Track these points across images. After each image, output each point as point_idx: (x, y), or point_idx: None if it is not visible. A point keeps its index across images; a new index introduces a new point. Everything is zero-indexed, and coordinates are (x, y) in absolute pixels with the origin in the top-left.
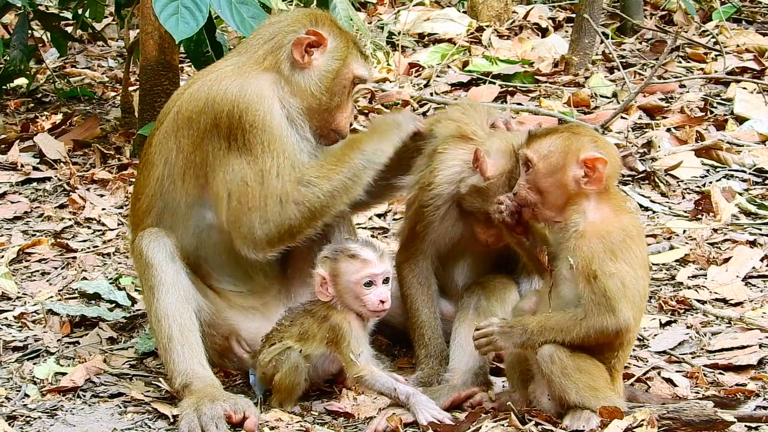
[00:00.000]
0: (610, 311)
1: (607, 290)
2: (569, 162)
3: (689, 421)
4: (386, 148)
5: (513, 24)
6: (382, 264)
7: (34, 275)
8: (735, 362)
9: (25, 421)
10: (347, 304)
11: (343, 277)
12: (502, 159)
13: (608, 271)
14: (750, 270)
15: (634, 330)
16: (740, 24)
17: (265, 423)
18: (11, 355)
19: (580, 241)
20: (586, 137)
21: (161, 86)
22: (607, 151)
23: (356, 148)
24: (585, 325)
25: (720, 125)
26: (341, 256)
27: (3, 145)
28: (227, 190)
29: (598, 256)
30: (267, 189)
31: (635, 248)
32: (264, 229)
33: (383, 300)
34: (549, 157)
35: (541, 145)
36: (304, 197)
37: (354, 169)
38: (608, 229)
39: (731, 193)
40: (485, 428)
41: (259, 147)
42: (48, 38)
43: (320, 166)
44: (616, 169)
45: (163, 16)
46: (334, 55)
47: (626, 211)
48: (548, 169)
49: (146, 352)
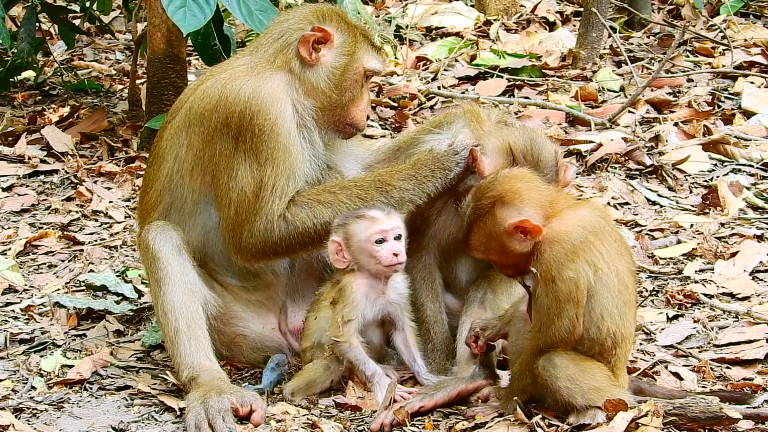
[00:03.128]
0: (557, 316)
1: (559, 294)
2: (504, 241)
3: (695, 417)
4: (418, 198)
5: (521, 18)
6: (391, 221)
7: (41, 268)
8: (742, 356)
9: (31, 414)
10: (363, 265)
11: (354, 238)
12: (499, 157)
13: (565, 276)
14: (757, 264)
15: (602, 328)
16: (748, 18)
17: (271, 416)
18: (18, 347)
19: (543, 247)
20: (493, 208)
21: (169, 79)
22: (517, 194)
23: (384, 191)
24: (542, 335)
25: (727, 119)
26: (351, 219)
27: (10, 137)
28: (228, 197)
29: (558, 260)
30: (259, 203)
31: (599, 244)
32: (250, 241)
33: (396, 253)
34: (490, 250)
35: (478, 245)
36: (295, 217)
37: None
38: (566, 229)
39: (738, 187)
40: (491, 422)
41: (264, 153)
42: (56, 31)
43: (331, 194)
44: (536, 193)
45: (170, 8)
46: (341, 51)
47: (581, 203)
48: (501, 256)
49: (153, 344)
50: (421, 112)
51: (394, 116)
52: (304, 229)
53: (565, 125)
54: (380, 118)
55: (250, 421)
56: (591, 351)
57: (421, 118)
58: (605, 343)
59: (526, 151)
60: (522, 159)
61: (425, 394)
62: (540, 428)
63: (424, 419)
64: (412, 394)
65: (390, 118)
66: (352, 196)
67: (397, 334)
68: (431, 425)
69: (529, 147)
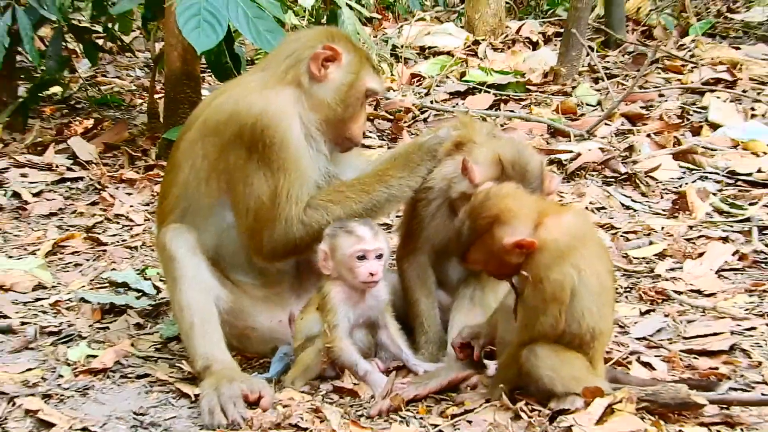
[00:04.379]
0: (543, 313)
1: (545, 294)
2: (502, 256)
3: (665, 403)
4: (413, 183)
5: (506, 38)
6: (376, 241)
7: (68, 266)
8: (708, 348)
9: (59, 400)
10: (342, 275)
11: (339, 251)
12: (489, 168)
13: (552, 278)
14: (722, 264)
15: (584, 325)
16: (714, 39)
17: (278, 402)
18: (47, 339)
19: (533, 253)
20: (492, 228)
21: (184, 94)
22: (511, 213)
23: (383, 181)
24: (527, 330)
25: (696, 131)
26: (339, 232)
27: (39, 147)
28: (246, 205)
29: (546, 264)
30: (277, 209)
31: (582, 248)
32: (271, 244)
33: (372, 273)
34: (488, 263)
35: (477, 260)
36: (312, 219)
37: (375, 201)
38: (554, 237)
39: (705, 193)
40: (478, 407)
41: (276, 163)
42: (81, 50)
43: (339, 192)
44: (526, 209)
45: (186, 29)
46: (348, 69)
47: (564, 210)
48: (497, 267)
49: (170, 336)
50: (415, 125)
51: (390, 128)
52: (320, 228)
53: (547, 136)
54: (378, 130)
55: (258, 407)
56: (572, 344)
57: (416, 130)
58: (585, 338)
59: (515, 161)
60: (510, 169)
61: (419, 383)
62: (524, 413)
63: (418, 405)
64: (407, 384)
65: (386, 129)
66: (357, 191)
67: (382, 332)
68: (424, 410)
69: (517, 158)
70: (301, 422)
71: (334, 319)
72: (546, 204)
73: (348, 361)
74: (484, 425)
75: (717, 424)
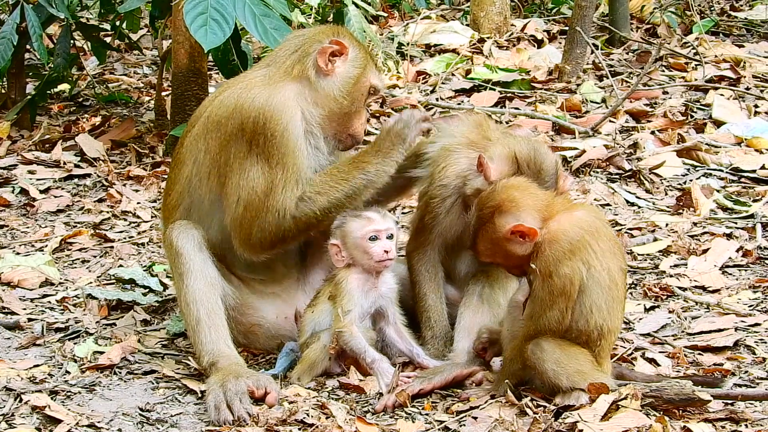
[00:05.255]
0: (549, 307)
1: (553, 288)
2: (505, 245)
3: (670, 399)
4: (389, 168)
5: (511, 36)
6: (385, 222)
7: (75, 263)
8: (713, 344)
9: (66, 396)
10: (357, 260)
11: (351, 235)
12: (505, 165)
13: (561, 272)
14: (726, 260)
15: (592, 320)
16: (718, 36)
17: (284, 398)
18: (54, 335)
19: (542, 247)
20: (493, 216)
21: (191, 91)
22: (513, 202)
23: (360, 168)
24: (533, 324)
25: (699, 128)
26: (348, 219)
27: (47, 144)
28: (238, 195)
29: (556, 257)
30: (270, 201)
31: (594, 243)
32: (260, 235)
33: (387, 250)
34: (495, 254)
35: (484, 250)
36: (301, 212)
37: (354, 187)
38: (564, 229)
39: (709, 190)
40: (483, 404)
41: (275, 157)
42: (88, 47)
43: (322, 182)
44: (531, 199)
45: (193, 27)
46: (354, 63)
47: (577, 206)
48: (505, 259)
49: (177, 333)
50: None
51: None
52: (308, 220)
53: (552, 133)
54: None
55: (264, 403)
56: (578, 340)
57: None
58: (592, 335)
59: (530, 159)
60: (525, 167)
61: (424, 378)
62: (529, 408)
63: (424, 401)
64: (412, 379)
65: None
66: (338, 180)
67: (389, 326)
68: (430, 406)
69: (532, 156)
70: (307, 418)
71: (348, 305)
72: (559, 200)
73: (357, 347)
74: (489, 421)
75: (721, 419)
